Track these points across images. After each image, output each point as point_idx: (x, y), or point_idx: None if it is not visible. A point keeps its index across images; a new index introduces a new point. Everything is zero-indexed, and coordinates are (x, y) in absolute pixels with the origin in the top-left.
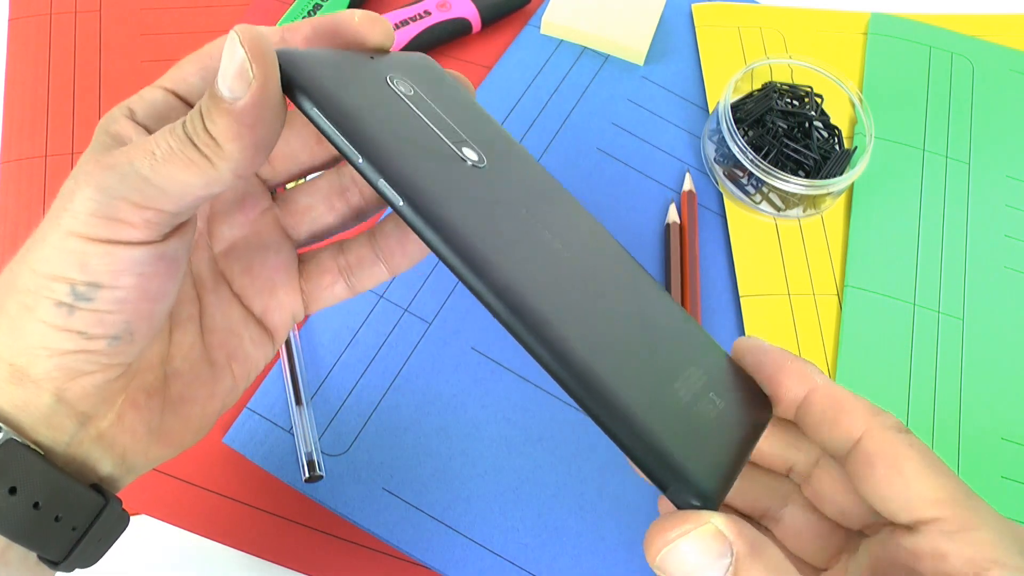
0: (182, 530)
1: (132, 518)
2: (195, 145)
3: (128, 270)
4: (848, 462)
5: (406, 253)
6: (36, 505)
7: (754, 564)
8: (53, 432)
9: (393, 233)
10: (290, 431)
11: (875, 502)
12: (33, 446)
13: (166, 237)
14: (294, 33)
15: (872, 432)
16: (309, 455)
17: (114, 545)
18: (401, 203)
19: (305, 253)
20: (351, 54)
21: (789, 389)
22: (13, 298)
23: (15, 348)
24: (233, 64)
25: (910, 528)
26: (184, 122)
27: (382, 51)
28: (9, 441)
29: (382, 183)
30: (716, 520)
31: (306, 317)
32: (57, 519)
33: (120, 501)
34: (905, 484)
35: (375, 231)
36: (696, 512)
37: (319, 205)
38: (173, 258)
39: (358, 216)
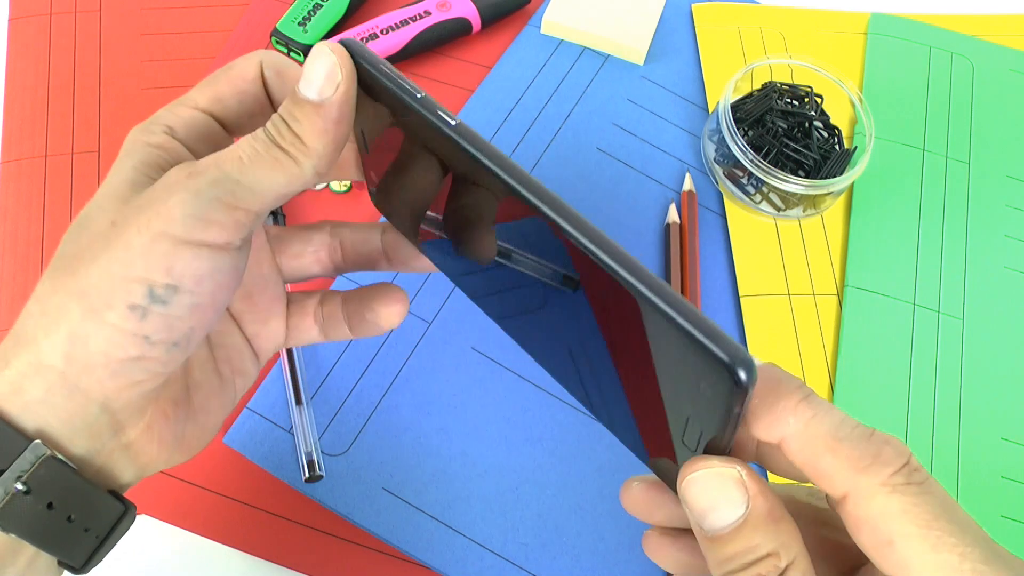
0: (182, 530)
1: None
2: (280, 146)
3: (210, 276)
4: (838, 512)
5: (364, 323)
6: (70, 519)
7: (765, 526)
8: (90, 442)
9: (356, 307)
10: (290, 431)
11: (866, 555)
12: (69, 461)
13: (242, 245)
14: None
15: (857, 495)
16: (309, 455)
17: (116, 545)
18: (453, 123)
19: (292, 294)
20: None
21: (759, 433)
22: (77, 303)
23: (72, 356)
24: (322, 69)
25: None
26: (265, 128)
27: None
28: (49, 458)
29: (440, 112)
30: (740, 470)
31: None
32: (86, 530)
33: (135, 507)
34: (895, 555)
35: (346, 297)
36: (728, 458)
37: (308, 255)
38: (241, 270)
39: (337, 271)
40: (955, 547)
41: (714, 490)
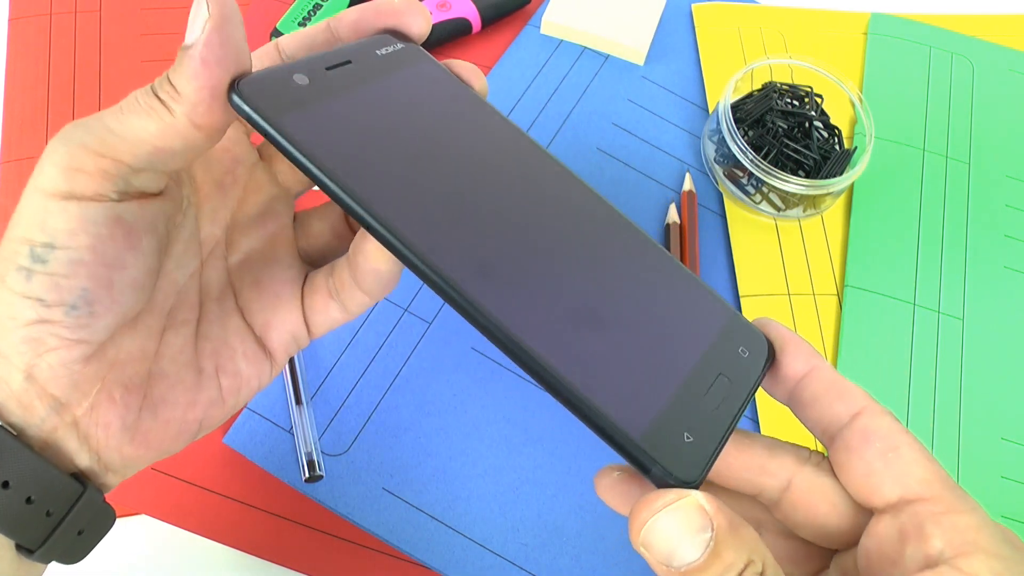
0: (182, 530)
1: (132, 518)
2: (157, 96)
3: (82, 229)
4: (841, 438)
5: (379, 277)
6: (6, 484)
7: (733, 539)
8: (24, 412)
9: (362, 261)
10: (290, 431)
11: (862, 480)
12: (5, 426)
13: (123, 199)
14: (339, 21)
15: (871, 411)
16: (309, 455)
17: (114, 545)
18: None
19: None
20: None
21: (794, 361)
22: None
23: None
24: (196, 12)
25: (894, 510)
26: (152, 83)
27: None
28: None
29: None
30: (697, 495)
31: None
32: (29, 500)
33: (100, 493)
34: (900, 460)
35: (349, 253)
36: (678, 489)
37: (327, 232)
38: (130, 225)
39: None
40: (937, 463)
41: (676, 525)
